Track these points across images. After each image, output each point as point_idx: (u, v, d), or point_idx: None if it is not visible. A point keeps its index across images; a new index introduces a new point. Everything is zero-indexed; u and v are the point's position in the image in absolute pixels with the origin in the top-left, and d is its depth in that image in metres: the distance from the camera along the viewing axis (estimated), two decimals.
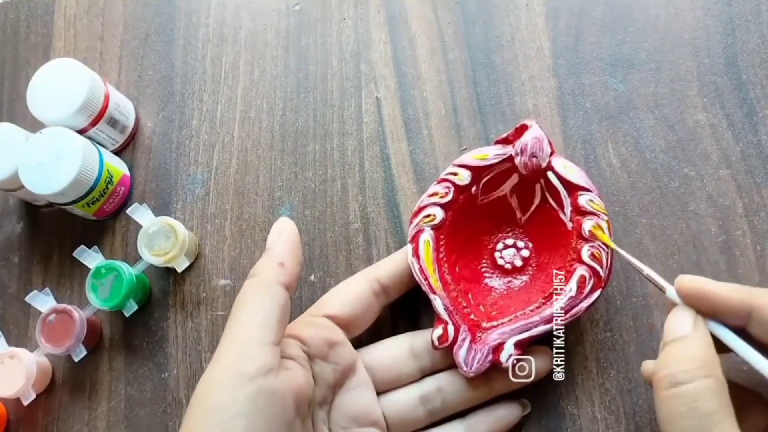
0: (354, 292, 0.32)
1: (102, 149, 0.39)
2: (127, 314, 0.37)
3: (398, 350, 0.32)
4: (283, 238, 0.30)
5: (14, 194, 0.40)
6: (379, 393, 0.31)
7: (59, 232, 0.41)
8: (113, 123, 0.40)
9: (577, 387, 0.33)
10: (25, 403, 0.36)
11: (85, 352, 0.37)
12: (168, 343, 0.37)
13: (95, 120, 0.39)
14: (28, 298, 0.37)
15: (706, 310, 0.25)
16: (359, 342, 0.33)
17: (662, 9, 0.38)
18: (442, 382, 0.31)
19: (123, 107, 0.41)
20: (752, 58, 0.36)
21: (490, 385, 0.31)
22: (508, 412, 0.31)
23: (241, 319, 0.27)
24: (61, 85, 0.38)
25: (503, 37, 0.39)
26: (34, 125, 0.39)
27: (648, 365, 0.28)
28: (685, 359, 0.24)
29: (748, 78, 0.36)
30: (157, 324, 0.38)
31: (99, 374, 0.38)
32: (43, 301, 0.37)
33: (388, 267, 0.33)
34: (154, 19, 0.44)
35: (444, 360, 0.32)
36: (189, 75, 0.43)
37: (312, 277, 0.37)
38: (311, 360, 0.29)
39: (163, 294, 0.38)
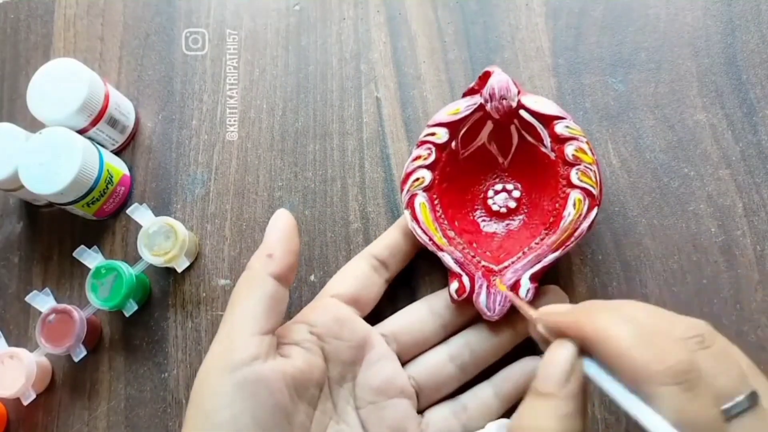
0: (354, 271, 0.33)
1: (102, 149, 0.39)
2: (127, 314, 0.37)
3: (417, 312, 0.33)
4: (275, 229, 0.30)
5: (14, 194, 0.40)
6: (407, 360, 0.32)
7: (59, 232, 0.41)
8: (113, 123, 0.40)
9: None
10: (25, 403, 0.36)
11: (85, 352, 0.37)
12: (168, 343, 0.37)
13: (95, 120, 0.39)
14: (28, 298, 0.37)
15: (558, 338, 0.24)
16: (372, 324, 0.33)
17: (662, 9, 0.38)
18: (468, 336, 0.32)
19: (123, 107, 0.41)
20: (752, 58, 0.36)
21: (514, 327, 0.31)
22: (532, 364, 0.32)
23: (230, 313, 0.28)
24: (61, 85, 0.38)
25: (503, 37, 0.39)
26: (34, 125, 0.39)
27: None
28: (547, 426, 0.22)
29: (748, 78, 0.36)
30: (157, 324, 0.38)
31: (99, 374, 0.38)
32: (43, 301, 0.37)
33: (381, 242, 0.34)
34: (154, 19, 0.44)
35: (464, 310, 0.32)
36: (189, 75, 0.43)
37: (312, 277, 0.37)
38: (322, 340, 0.30)
39: (163, 294, 0.38)
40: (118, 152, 0.41)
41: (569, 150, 0.31)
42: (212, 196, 0.40)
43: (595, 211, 0.31)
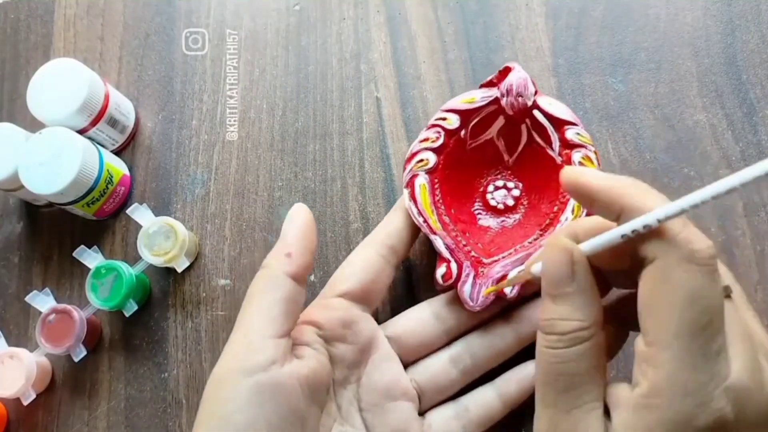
0: (362, 261, 0.31)
1: (102, 149, 0.39)
2: (127, 314, 0.37)
3: (421, 315, 0.32)
4: (293, 225, 0.29)
5: (14, 194, 0.40)
6: (409, 364, 0.32)
7: (59, 232, 0.41)
8: (113, 123, 0.40)
9: None
10: (25, 403, 0.36)
11: (85, 352, 0.37)
12: (168, 343, 0.37)
13: (95, 120, 0.39)
14: (28, 298, 0.37)
15: (584, 201, 0.25)
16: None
17: (662, 9, 0.38)
18: (470, 341, 0.31)
19: (123, 107, 0.41)
20: (752, 58, 0.36)
21: (517, 333, 0.31)
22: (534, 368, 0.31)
23: (246, 313, 0.27)
24: (61, 85, 0.38)
25: (503, 37, 0.39)
26: (34, 125, 0.39)
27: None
28: (568, 321, 0.23)
29: (748, 78, 0.36)
30: (157, 324, 0.38)
31: (99, 374, 0.38)
32: (43, 301, 0.37)
33: (385, 228, 0.32)
34: (154, 19, 0.44)
35: (469, 317, 0.32)
36: (189, 75, 0.43)
37: (312, 277, 0.37)
38: (328, 343, 0.29)
39: (163, 294, 0.38)
40: (118, 152, 0.41)
41: (576, 157, 0.31)
42: (212, 196, 0.40)
43: None
